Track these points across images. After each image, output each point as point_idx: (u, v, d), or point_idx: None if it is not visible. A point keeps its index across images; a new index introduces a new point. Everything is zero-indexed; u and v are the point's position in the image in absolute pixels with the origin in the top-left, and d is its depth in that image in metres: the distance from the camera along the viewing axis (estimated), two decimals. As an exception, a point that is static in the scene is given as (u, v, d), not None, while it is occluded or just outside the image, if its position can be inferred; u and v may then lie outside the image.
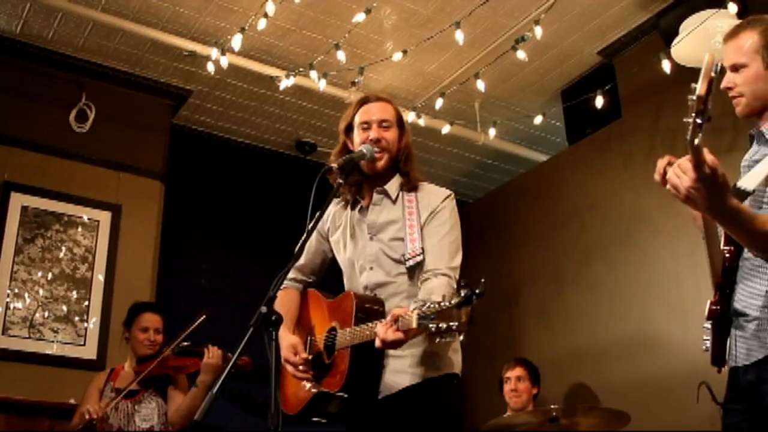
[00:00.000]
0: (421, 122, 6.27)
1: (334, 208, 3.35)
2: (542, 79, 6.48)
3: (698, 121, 1.96)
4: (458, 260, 3.03)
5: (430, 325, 2.46)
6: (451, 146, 7.04)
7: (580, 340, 6.01)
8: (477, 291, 2.43)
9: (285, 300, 3.28)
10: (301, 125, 7.02)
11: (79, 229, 5.81)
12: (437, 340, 2.50)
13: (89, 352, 5.60)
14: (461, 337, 2.53)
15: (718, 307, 2.58)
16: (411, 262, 3.01)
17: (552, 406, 4.51)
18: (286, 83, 5.84)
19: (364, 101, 3.26)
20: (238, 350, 2.34)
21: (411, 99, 6.54)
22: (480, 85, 5.74)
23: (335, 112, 6.73)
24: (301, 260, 3.34)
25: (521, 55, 5.36)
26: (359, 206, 3.23)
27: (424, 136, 6.86)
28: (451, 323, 2.42)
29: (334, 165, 2.96)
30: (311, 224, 2.77)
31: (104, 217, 5.94)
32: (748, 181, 2.43)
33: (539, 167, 7.07)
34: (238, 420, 5.78)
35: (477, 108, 6.66)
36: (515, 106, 6.74)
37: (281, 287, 3.34)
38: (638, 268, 5.61)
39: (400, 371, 2.96)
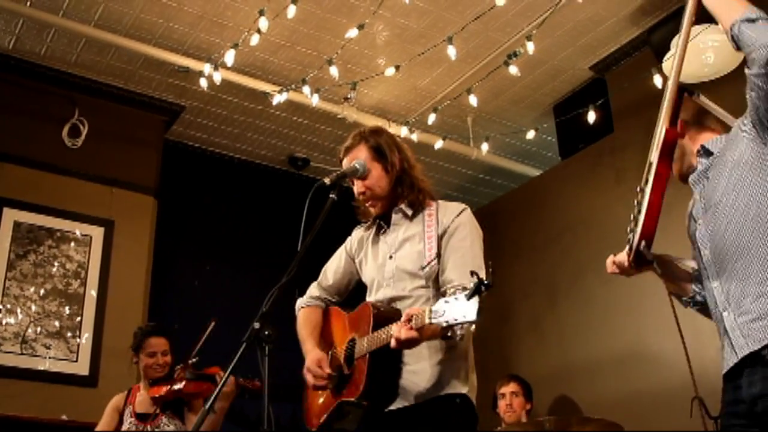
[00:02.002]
0: (414, 137, 6.29)
1: (359, 230, 3.39)
2: (534, 94, 6.51)
3: None
4: (482, 275, 2.97)
5: (442, 320, 2.50)
6: (444, 161, 7.06)
7: (573, 355, 6.00)
8: (485, 281, 2.45)
9: (309, 318, 3.35)
10: (294, 140, 7.03)
11: (72, 245, 5.80)
12: (451, 333, 2.63)
13: (82, 368, 5.57)
14: (473, 328, 2.67)
15: None
16: (427, 269, 3.01)
17: (546, 418, 4.50)
18: (279, 99, 5.85)
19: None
20: (231, 365, 2.34)
21: (404, 114, 6.56)
22: (472, 100, 5.76)
23: (328, 127, 6.75)
24: (329, 280, 3.40)
25: (513, 70, 5.37)
26: (382, 228, 3.25)
27: (416, 151, 6.84)
28: (463, 314, 2.46)
29: (327, 180, 2.97)
30: (306, 241, 2.77)
31: (97, 233, 5.93)
32: None
33: (532, 182, 7.08)
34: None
35: (470, 123, 6.68)
36: (508, 121, 6.76)
37: (305, 305, 3.39)
38: (631, 283, 5.57)
39: (408, 388, 2.96)
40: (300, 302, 3.43)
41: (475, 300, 2.45)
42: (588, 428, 4.62)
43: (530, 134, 6.19)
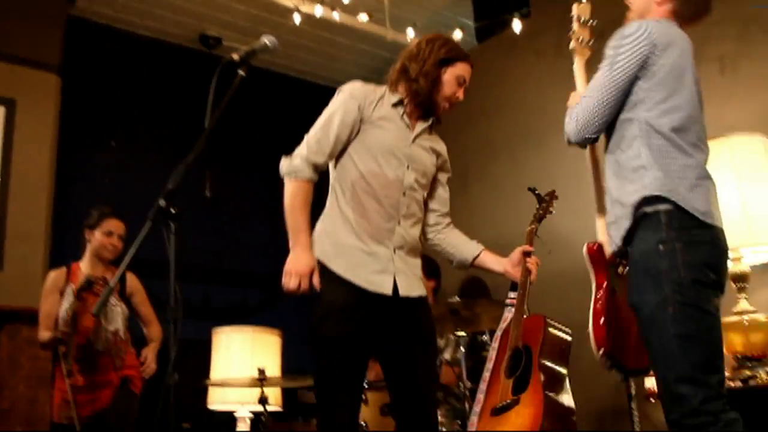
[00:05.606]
0: (330, 17, 6.16)
1: (381, 93, 3.39)
2: (452, -25, 6.41)
3: None
4: None
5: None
6: (360, 43, 6.95)
7: (483, 237, 6.02)
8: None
9: (307, 199, 3.09)
10: (205, 18, 6.80)
11: (-29, 124, 5.58)
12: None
13: (-16, 251, 5.45)
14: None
15: None
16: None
17: (454, 299, 4.60)
18: (188, -27, 5.64)
19: (468, 60, 3.40)
20: (136, 243, 2.31)
21: (319, -8, 6.39)
22: (389, -21, 5.65)
23: (242, 5, 6.54)
24: (329, 144, 3.14)
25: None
26: (406, 117, 3.40)
27: (333, 33, 6.75)
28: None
29: (235, 56, 2.88)
30: (212, 118, 2.71)
31: (-2, 113, 5.70)
32: None
33: (448, 66, 7.05)
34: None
35: (386, 4, 6.55)
36: (425, 2, 6.65)
37: (307, 179, 3.08)
38: (542, 167, 5.70)
39: None
40: (298, 167, 3.09)
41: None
42: (494, 308, 4.74)
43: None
